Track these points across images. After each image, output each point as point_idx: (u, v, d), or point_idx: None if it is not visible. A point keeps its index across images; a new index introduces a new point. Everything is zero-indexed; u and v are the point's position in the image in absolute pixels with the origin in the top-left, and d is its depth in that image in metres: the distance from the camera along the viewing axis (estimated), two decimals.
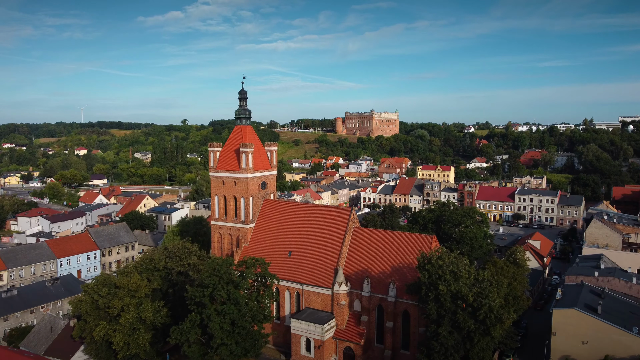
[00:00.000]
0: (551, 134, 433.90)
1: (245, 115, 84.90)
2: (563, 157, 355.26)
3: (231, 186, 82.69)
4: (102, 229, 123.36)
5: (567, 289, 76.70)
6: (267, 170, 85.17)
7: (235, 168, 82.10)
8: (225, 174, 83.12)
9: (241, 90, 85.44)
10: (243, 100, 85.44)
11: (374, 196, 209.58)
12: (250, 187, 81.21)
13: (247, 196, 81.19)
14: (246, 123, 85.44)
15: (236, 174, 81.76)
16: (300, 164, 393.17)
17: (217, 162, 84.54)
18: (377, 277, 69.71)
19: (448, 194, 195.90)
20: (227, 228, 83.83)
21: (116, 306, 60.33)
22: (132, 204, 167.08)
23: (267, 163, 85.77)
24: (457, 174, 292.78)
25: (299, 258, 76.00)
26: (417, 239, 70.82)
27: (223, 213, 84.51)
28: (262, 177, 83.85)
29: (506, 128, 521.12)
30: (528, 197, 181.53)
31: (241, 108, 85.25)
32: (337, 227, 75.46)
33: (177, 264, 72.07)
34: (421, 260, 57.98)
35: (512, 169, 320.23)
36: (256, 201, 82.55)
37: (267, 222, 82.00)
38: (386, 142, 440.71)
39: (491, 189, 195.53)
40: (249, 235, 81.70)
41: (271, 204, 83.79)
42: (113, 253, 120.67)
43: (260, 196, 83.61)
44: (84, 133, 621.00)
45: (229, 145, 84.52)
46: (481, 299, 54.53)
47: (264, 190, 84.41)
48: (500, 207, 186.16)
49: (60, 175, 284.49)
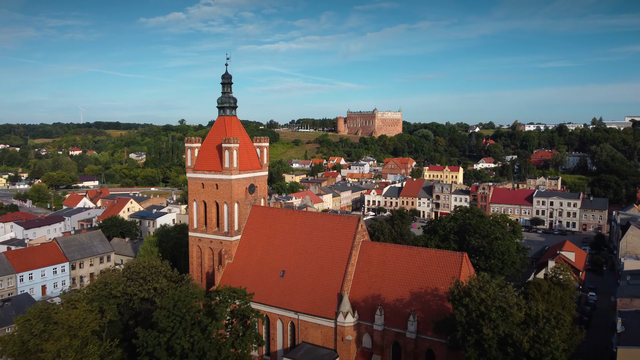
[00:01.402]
0: (560, 134, 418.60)
1: (229, 104, 70.16)
2: (575, 157, 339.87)
3: (212, 190, 68.00)
4: (73, 238, 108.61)
5: (627, 317, 61.78)
6: (256, 170, 70.47)
7: (216, 168, 67.41)
8: (205, 175, 68.41)
9: (225, 74, 70.79)
10: (227, 86, 70.74)
11: (379, 199, 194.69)
12: (235, 190, 66.51)
13: (231, 202, 66.48)
14: (231, 113, 70.71)
15: (218, 175, 67.07)
16: (301, 165, 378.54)
17: (195, 161, 69.88)
18: (393, 306, 54.95)
19: (459, 197, 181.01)
20: (207, 241, 69.11)
21: (50, 350, 45.55)
22: (115, 208, 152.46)
23: (256, 162, 71.06)
24: (465, 174, 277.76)
25: (294, 279, 61.23)
26: (443, 258, 55.97)
27: (202, 222, 69.84)
28: (249, 178, 69.15)
29: (513, 127, 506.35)
30: (547, 200, 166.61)
31: (225, 95, 70.57)
32: (342, 240, 60.73)
33: (140, 289, 57.30)
34: (455, 291, 43.18)
35: (523, 169, 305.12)
36: (242, 208, 67.86)
37: (255, 234, 67.29)
38: (389, 142, 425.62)
39: (506, 191, 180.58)
40: (233, 250, 66.98)
41: (261, 212, 69.05)
42: (85, 265, 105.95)
43: (248, 202, 68.91)
44: (80, 133, 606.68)
45: (209, 141, 69.85)
46: (540, 345, 39.78)
47: (252, 195, 69.68)
48: (517, 210, 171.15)
49: (47, 176, 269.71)
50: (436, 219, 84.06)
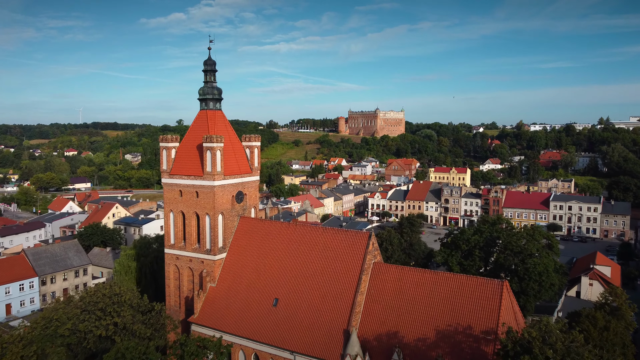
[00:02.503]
0: (568, 134, 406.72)
1: (212, 96, 58.62)
2: (585, 158, 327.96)
3: (191, 199, 56.46)
4: (44, 249, 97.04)
5: None
6: (244, 174, 58.97)
7: (196, 172, 55.89)
8: (183, 180, 56.88)
9: (207, 60, 59.25)
10: (210, 74, 59.22)
11: (383, 202, 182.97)
12: (219, 199, 55.00)
13: (214, 213, 54.97)
14: (215, 107, 59.16)
15: (198, 180, 55.55)
16: (301, 166, 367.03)
17: (172, 164, 58.37)
18: (414, 348, 43.44)
19: (470, 201, 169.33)
20: (186, 259, 57.57)
21: None
22: (98, 214, 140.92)
23: (244, 165, 59.56)
24: (472, 176, 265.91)
25: (290, 310, 49.69)
26: (477, 286, 44.39)
27: (181, 237, 58.32)
28: (237, 184, 57.64)
29: (518, 128, 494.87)
30: (565, 205, 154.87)
31: (207, 85, 59.06)
32: (349, 262, 49.19)
33: (96, 324, 45.75)
34: (510, 345, 31.56)
35: (531, 170, 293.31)
36: (228, 220, 56.38)
37: (244, 252, 55.77)
38: (392, 143, 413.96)
39: (520, 194, 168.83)
40: (216, 271, 55.43)
41: (251, 225, 57.50)
42: (57, 280, 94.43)
43: (235, 213, 57.41)
44: (76, 134, 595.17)
45: (189, 140, 58.33)
46: None
47: (239, 204, 58.16)
48: (532, 215, 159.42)
49: (36, 178, 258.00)
50: (457, 230, 72.40)
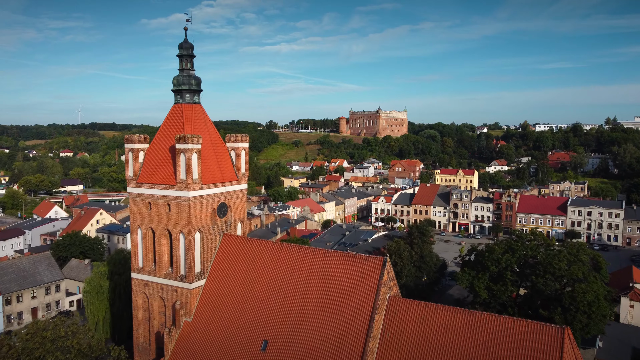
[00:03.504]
0: (575, 134, 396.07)
1: (189, 86, 48.01)
2: (595, 159, 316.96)
3: (162, 212, 45.88)
4: (10, 264, 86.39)
5: None
6: (228, 182, 48.37)
7: (168, 180, 45.31)
8: (153, 190, 46.30)
9: (183, 43, 48.66)
10: (187, 60, 48.64)
11: (388, 207, 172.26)
12: (195, 214, 44.42)
13: (190, 231, 44.37)
14: (192, 100, 48.55)
15: (170, 190, 44.96)
16: (301, 167, 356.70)
17: (139, 170, 47.81)
18: None
19: (480, 205, 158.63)
20: (156, 287, 47.00)
21: None
22: (81, 221, 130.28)
23: (229, 170, 48.97)
24: (479, 178, 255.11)
25: (281, 357, 39.04)
26: (527, 333, 33.71)
27: (151, 260, 47.76)
28: (218, 195, 47.06)
29: (523, 128, 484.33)
30: (584, 210, 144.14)
31: (183, 73, 48.45)
32: (358, 296, 38.60)
33: None
34: None
35: (540, 172, 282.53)
36: (207, 239, 45.82)
37: (226, 280, 45.19)
38: (394, 143, 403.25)
39: (535, 199, 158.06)
40: (192, 303, 44.84)
41: (236, 245, 46.88)
42: (25, 299, 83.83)
43: (216, 230, 46.86)
44: (72, 134, 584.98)
45: (160, 140, 47.75)
46: None
47: (222, 219, 47.61)
48: (549, 222, 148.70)
49: (25, 180, 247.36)
50: (483, 247, 61.46)
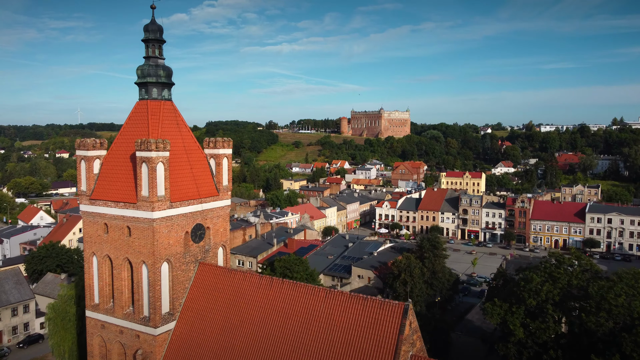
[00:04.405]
0: (582, 135, 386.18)
1: (157, 78, 38.42)
2: (604, 161, 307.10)
3: (121, 237, 36.35)
4: None
5: None
6: (206, 198, 38.82)
7: (128, 197, 35.76)
8: (110, 209, 36.76)
9: (150, 24, 39.11)
10: (154, 46, 39.10)
11: (392, 213, 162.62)
12: (162, 239, 34.89)
13: (155, 261, 34.80)
14: (160, 96, 38.99)
15: (131, 210, 35.41)
16: (301, 169, 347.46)
17: (93, 184, 38.27)
18: None
19: (492, 211, 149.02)
20: (114, 330, 37.46)
21: None
22: (62, 229, 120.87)
23: (206, 183, 39.42)
24: (486, 181, 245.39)
25: None
26: None
27: (108, 295, 38.24)
28: (192, 215, 37.52)
29: (528, 128, 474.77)
30: (604, 217, 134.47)
31: (149, 62, 38.91)
32: (369, 354, 29.01)
33: None
34: None
35: (549, 175, 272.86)
36: (178, 271, 36.32)
37: (201, 323, 35.64)
38: (397, 144, 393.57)
39: (550, 204, 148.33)
40: (158, 352, 35.28)
41: (214, 277, 37.32)
42: None
43: (190, 258, 37.36)
44: (69, 135, 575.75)
45: (119, 146, 38.21)
46: None
47: (198, 245, 38.10)
48: (565, 229, 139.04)
49: (14, 183, 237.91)
50: (517, 275, 51.58)
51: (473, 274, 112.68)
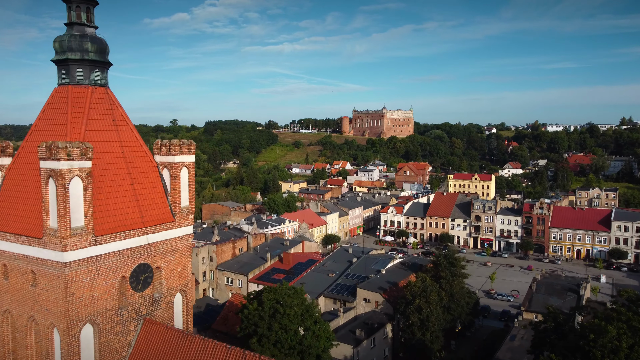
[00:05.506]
0: (592, 135, 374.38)
1: (82, 54, 26.87)
2: (617, 162, 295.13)
3: (24, 285, 24.68)
4: None
5: None
6: (154, 227, 27.08)
7: (32, 229, 24.08)
8: (8, 244, 25.07)
9: None
10: (79, 6, 27.41)
11: (399, 219, 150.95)
12: (80, 291, 23.20)
13: (71, 325, 23.10)
14: (89, 80, 27.41)
15: (35, 247, 23.72)
16: (301, 170, 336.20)
17: None
18: None
19: (507, 218, 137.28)
20: None
21: None
22: None
23: (156, 205, 27.69)
24: (495, 183, 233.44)
25: None
26: None
27: None
28: (132, 251, 25.81)
29: (534, 128, 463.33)
30: (632, 225, 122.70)
31: (71, 32, 27.28)
32: None
33: None
34: None
35: (560, 177, 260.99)
36: (110, 336, 24.62)
37: None
38: (400, 144, 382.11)
39: (571, 211, 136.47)
40: None
41: (163, 344, 25.59)
42: None
43: (129, 315, 25.65)
44: None
45: (28, 152, 26.55)
46: None
47: (142, 294, 26.41)
48: (588, 238, 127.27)
49: None
50: (586, 326, 39.99)
51: (491, 290, 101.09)
